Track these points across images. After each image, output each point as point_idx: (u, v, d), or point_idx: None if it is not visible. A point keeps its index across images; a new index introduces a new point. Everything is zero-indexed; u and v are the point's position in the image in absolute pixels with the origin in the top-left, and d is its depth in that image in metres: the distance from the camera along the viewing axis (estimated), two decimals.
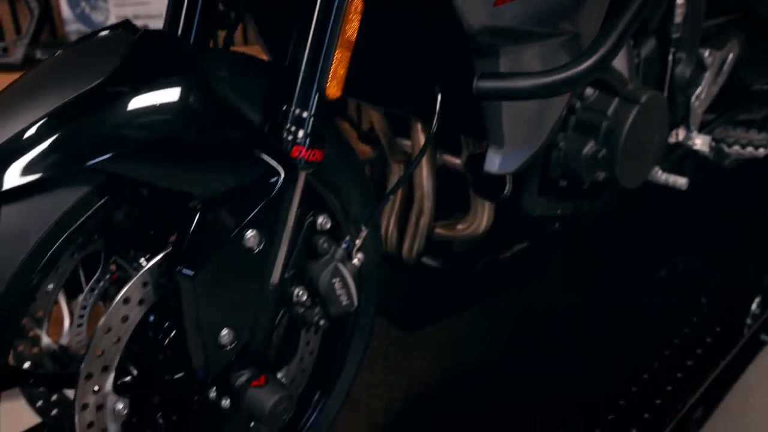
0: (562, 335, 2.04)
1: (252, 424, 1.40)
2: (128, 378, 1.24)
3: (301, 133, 1.16)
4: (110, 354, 1.14)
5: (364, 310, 1.54)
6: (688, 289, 2.27)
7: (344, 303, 1.34)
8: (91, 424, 1.16)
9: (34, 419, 1.39)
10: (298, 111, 1.16)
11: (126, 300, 1.14)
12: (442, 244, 1.72)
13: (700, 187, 1.92)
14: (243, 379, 1.23)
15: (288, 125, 1.16)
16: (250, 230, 1.14)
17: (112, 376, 1.16)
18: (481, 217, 1.63)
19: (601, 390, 1.90)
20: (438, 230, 1.71)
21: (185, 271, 1.12)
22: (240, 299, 1.19)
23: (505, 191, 1.49)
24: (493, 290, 1.90)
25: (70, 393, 1.31)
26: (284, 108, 1.16)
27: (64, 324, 1.45)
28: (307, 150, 1.16)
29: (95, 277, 1.36)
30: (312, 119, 1.16)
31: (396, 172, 1.73)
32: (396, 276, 1.71)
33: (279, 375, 1.44)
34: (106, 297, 1.38)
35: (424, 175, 1.64)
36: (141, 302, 1.15)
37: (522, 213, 1.56)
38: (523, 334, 2.03)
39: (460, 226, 1.68)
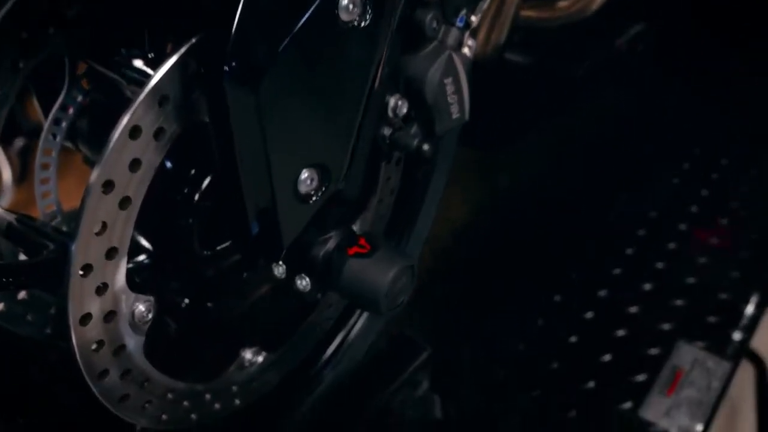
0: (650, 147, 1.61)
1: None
2: (146, 260, 0.73)
3: None
4: (117, 227, 0.63)
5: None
6: None
7: (455, 115, 0.84)
8: (100, 344, 0.66)
9: None
10: None
11: (134, 131, 0.60)
12: (531, 32, 1.19)
13: None
14: (332, 245, 0.74)
15: None
16: None
17: (124, 262, 0.65)
18: None
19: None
20: (527, 12, 1.18)
21: (239, 70, 0.58)
22: (330, 117, 0.67)
23: None
24: (597, 94, 1.42)
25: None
26: None
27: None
28: None
29: (58, 102, 0.81)
30: None
31: None
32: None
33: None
34: (78, 134, 0.85)
35: None
36: (159, 134, 0.62)
37: None
38: (610, 147, 1.58)
39: (563, 3, 1.15)
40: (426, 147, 0.83)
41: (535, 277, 1.39)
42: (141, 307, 0.69)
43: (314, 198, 0.69)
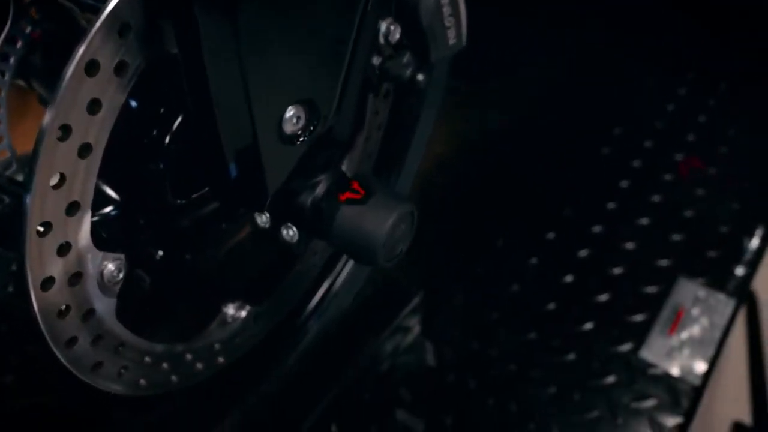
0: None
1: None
2: (114, 212, 0.66)
3: None
4: (77, 179, 0.56)
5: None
6: None
7: (452, 40, 0.77)
8: (66, 310, 0.60)
9: None
10: None
11: (90, 66, 0.53)
12: None
13: None
14: (322, 191, 0.67)
15: None
16: None
17: (87, 218, 0.58)
18: None
19: None
20: None
21: None
22: (318, 46, 0.59)
23: None
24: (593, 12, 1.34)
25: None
26: None
27: None
28: None
29: (3, 34, 0.73)
30: None
31: None
32: None
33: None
34: (31, 70, 0.76)
35: None
36: (120, 69, 0.55)
37: None
38: (604, 75, 1.51)
39: None
40: (420, 77, 0.76)
41: (527, 214, 1.34)
42: (110, 267, 0.62)
43: (301, 138, 0.62)
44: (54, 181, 0.54)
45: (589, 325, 1.17)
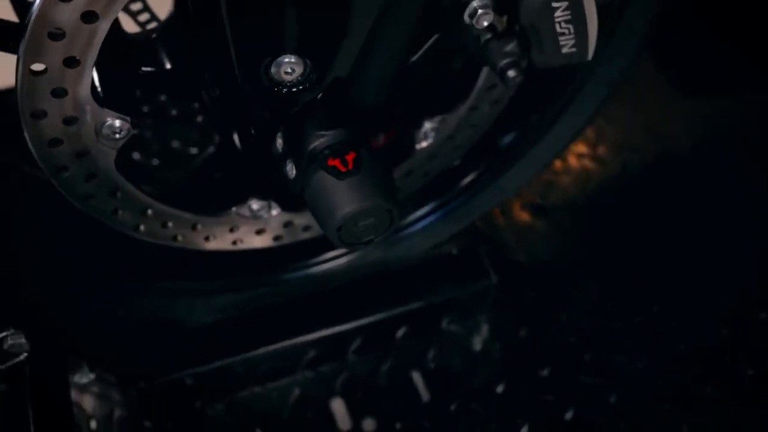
0: None
1: None
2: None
3: None
4: (78, 37, 0.60)
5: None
6: None
7: (566, 49, 0.69)
8: (58, 141, 0.67)
9: None
10: None
11: None
12: None
13: None
14: (322, 144, 0.66)
15: None
16: None
17: (88, 74, 0.63)
18: None
19: None
20: None
21: None
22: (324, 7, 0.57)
23: None
24: None
25: None
26: None
27: None
28: None
29: None
30: None
31: None
32: None
33: (427, 125, 0.85)
34: None
35: None
36: None
37: None
38: None
39: None
40: (512, 74, 0.69)
41: (680, 248, 1.16)
42: (116, 123, 0.68)
43: (287, 89, 0.61)
44: (51, 31, 0.59)
45: (666, 406, 1.03)
